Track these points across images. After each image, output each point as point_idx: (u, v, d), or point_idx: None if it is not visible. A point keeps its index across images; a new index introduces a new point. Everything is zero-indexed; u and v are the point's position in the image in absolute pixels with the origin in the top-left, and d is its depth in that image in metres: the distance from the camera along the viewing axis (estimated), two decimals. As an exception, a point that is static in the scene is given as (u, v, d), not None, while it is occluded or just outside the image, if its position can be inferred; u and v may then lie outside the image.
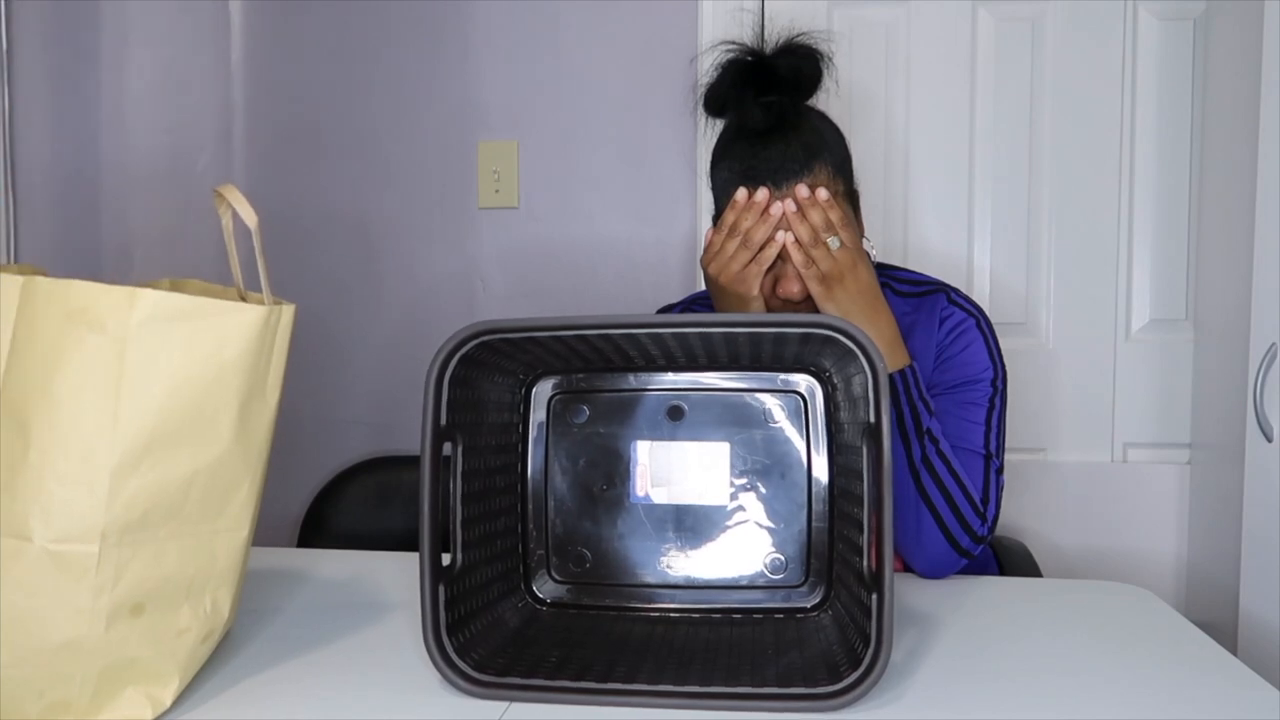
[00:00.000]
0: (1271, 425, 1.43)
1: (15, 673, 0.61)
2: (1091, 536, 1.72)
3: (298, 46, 1.85)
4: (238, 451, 0.66)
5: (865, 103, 1.72)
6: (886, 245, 1.72)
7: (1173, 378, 1.70)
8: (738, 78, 1.02)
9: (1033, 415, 1.70)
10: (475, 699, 0.69)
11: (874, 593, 0.67)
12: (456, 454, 0.76)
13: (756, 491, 0.85)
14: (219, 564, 0.68)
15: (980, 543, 0.97)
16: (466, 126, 1.82)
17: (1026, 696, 0.69)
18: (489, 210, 1.82)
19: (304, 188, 1.86)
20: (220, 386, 0.64)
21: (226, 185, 0.69)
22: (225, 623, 0.71)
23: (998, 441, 1.03)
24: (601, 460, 0.87)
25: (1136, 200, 1.70)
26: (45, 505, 0.59)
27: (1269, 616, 1.44)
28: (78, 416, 0.60)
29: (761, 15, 1.72)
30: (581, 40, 1.78)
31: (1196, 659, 0.77)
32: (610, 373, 0.87)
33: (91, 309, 0.60)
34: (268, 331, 0.66)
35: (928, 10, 1.71)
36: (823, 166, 1.00)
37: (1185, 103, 1.68)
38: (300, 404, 1.84)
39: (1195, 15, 1.67)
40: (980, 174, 1.73)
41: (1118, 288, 1.72)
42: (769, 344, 0.76)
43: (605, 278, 1.80)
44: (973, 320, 1.08)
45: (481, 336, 0.71)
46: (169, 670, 0.66)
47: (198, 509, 0.65)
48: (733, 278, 0.99)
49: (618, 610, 0.85)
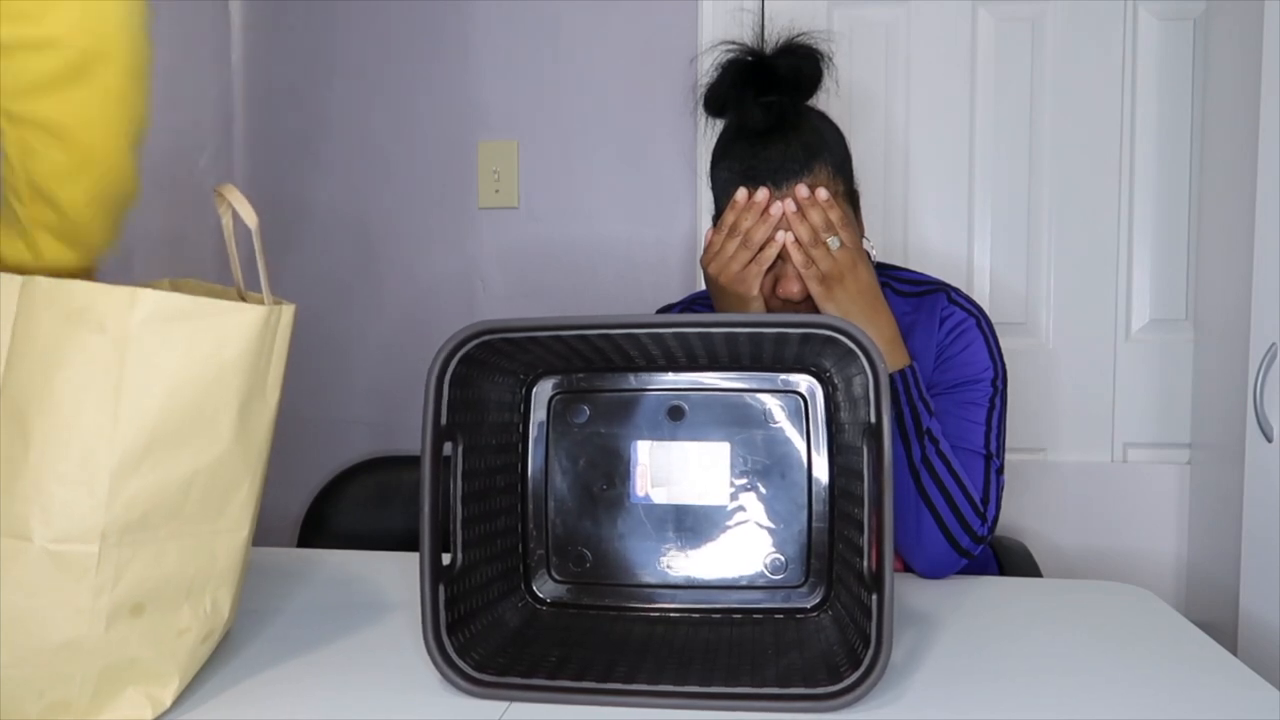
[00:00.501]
0: (1271, 425, 1.43)
1: (15, 673, 0.61)
2: (1091, 536, 1.72)
3: (298, 46, 1.85)
4: (238, 451, 0.66)
5: (865, 103, 1.72)
6: (886, 245, 1.72)
7: (1173, 378, 1.70)
8: (738, 78, 1.02)
9: (1033, 415, 1.70)
10: (475, 699, 0.69)
11: (874, 593, 0.67)
12: (457, 454, 0.76)
13: (757, 492, 0.85)
14: (219, 564, 0.68)
15: (980, 543, 0.97)
16: (466, 126, 1.82)
17: (1026, 696, 0.69)
18: (489, 210, 1.82)
19: (304, 187, 1.87)
20: (220, 386, 0.64)
21: (226, 185, 0.69)
22: (225, 623, 0.71)
23: (998, 441, 1.03)
24: (602, 460, 0.87)
25: (1136, 200, 1.70)
26: (45, 505, 0.59)
27: (1269, 616, 1.44)
28: (78, 417, 0.60)
29: (761, 15, 1.72)
30: (581, 40, 1.78)
31: (1196, 659, 0.77)
32: (611, 373, 0.87)
33: (92, 309, 0.60)
34: (267, 331, 0.66)
35: (928, 10, 1.71)
36: (823, 166, 1.00)
37: (1185, 103, 1.68)
38: (300, 404, 1.84)
39: (1195, 15, 1.67)
40: (980, 174, 1.73)
41: (1118, 288, 1.72)
42: (770, 344, 0.76)
43: (605, 278, 1.80)
44: (973, 320, 1.08)
45: (482, 336, 0.71)
46: (169, 670, 0.66)
47: (198, 509, 0.65)
48: (733, 278, 0.99)
49: (618, 610, 0.85)
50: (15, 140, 0.65)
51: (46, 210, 0.68)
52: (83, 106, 0.65)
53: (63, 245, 0.69)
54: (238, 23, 1.87)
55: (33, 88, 0.63)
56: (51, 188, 0.66)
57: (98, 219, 0.69)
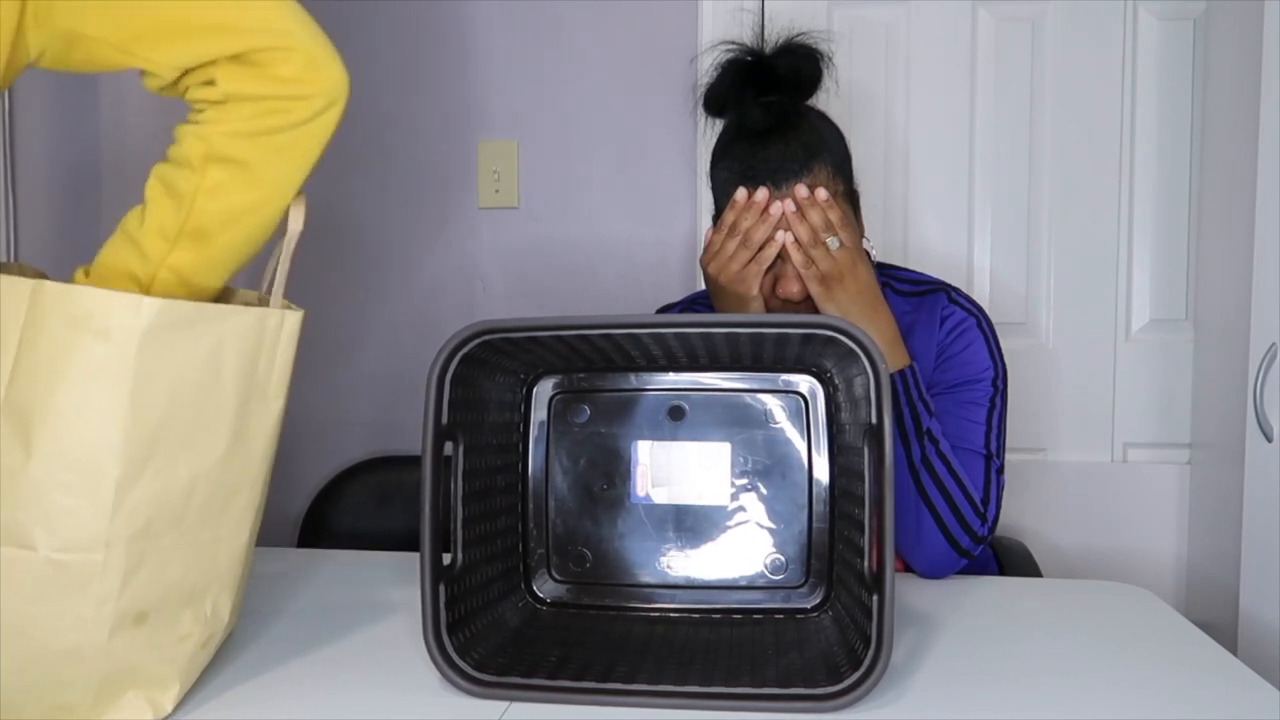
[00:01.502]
0: (1271, 425, 1.43)
1: (16, 679, 0.61)
2: (1091, 536, 1.72)
3: (298, 46, 1.85)
4: (237, 455, 0.66)
5: (865, 103, 1.72)
6: (886, 245, 1.71)
7: (1173, 378, 1.70)
8: (738, 78, 1.02)
9: (1033, 415, 1.70)
10: (475, 699, 0.69)
11: (874, 593, 0.67)
12: (457, 453, 0.76)
13: (757, 492, 0.85)
14: (220, 569, 0.68)
15: (980, 543, 0.97)
16: (466, 126, 1.82)
17: (1026, 696, 0.69)
18: (489, 210, 1.82)
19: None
20: (216, 389, 0.64)
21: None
22: (226, 626, 0.71)
23: (998, 441, 1.03)
24: (602, 460, 0.87)
25: (1136, 200, 1.70)
26: (48, 514, 0.59)
27: (1269, 616, 1.44)
28: (81, 427, 0.59)
29: (761, 15, 1.72)
30: (581, 40, 1.78)
31: (1196, 659, 0.77)
32: (611, 372, 0.87)
33: (97, 315, 0.59)
34: (266, 334, 0.66)
35: (928, 10, 1.71)
36: (822, 166, 1.00)
37: (1185, 103, 1.68)
38: (300, 404, 1.84)
39: (1195, 15, 1.67)
40: (980, 174, 1.73)
41: (1118, 288, 1.72)
42: (770, 344, 0.76)
43: (605, 278, 1.80)
44: (973, 320, 1.08)
45: (483, 336, 0.71)
46: (170, 675, 0.66)
47: (199, 515, 0.65)
48: (732, 277, 0.99)
49: (618, 610, 0.85)
50: (203, 181, 0.66)
51: (190, 253, 0.67)
52: (291, 149, 0.68)
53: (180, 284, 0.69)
54: (238, 23, 1.87)
55: (264, 130, 0.66)
56: (216, 228, 0.67)
57: (240, 260, 0.70)
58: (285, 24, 0.67)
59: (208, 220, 0.67)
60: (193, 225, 0.66)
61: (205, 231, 0.67)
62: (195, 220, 0.66)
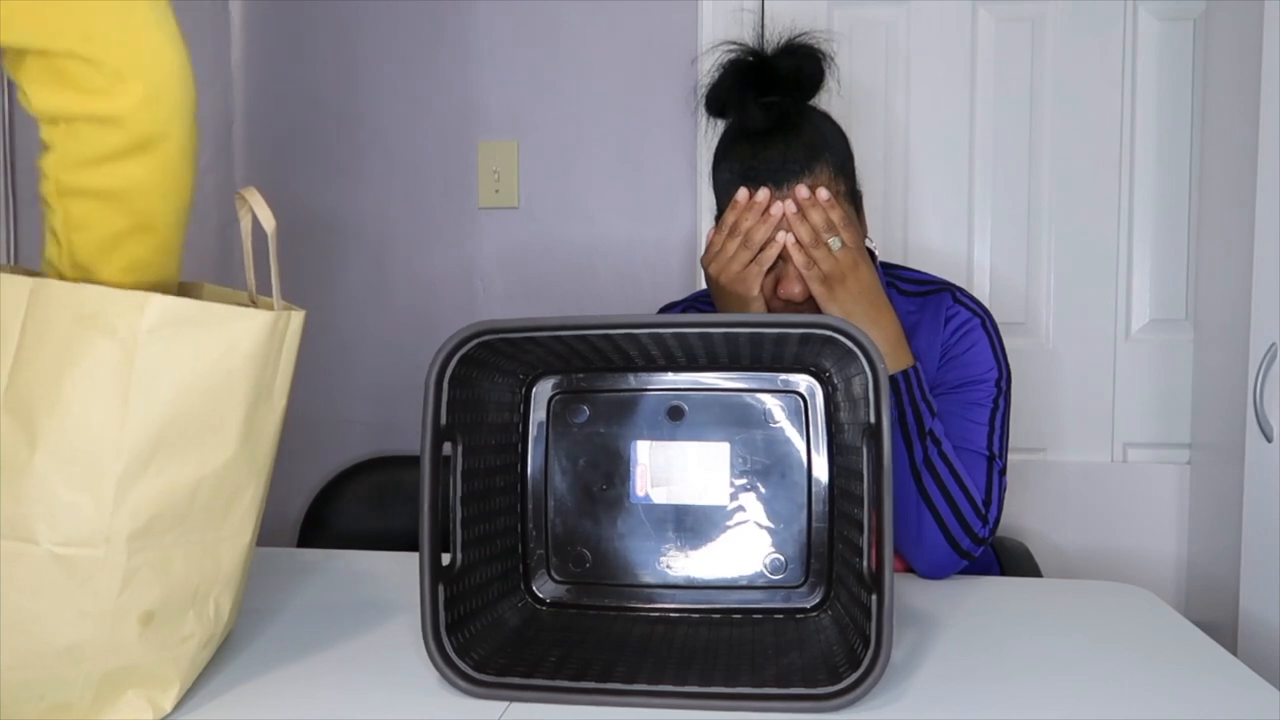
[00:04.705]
0: (1271, 425, 1.43)
1: (16, 675, 0.61)
2: (1091, 536, 1.72)
3: (298, 46, 1.85)
4: (244, 457, 0.66)
5: (865, 103, 1.72)
6: (887, 245, 1.72)
7: (1173, 378, 1.70)
8: (739, 78, 1.02)
9: (1033, 415, 1.70)
10: (475, 699, 0.69)
11: (874, 593, 0.67)
12: (456, 454, 0.76)
13: (756, 492, 0.85)
14: (223, 569, 0.68)
15: (981, 544, 0.97)
16: (466, 126, 1.82)
17: (1026, 696, 0.69)
18: (489, 210, 1.82)
19: (304, 188, 1.86)
20: (227, 392, 0.64)
21: (249, 189, 0.69)
22: (226, 627, 0.71)
23: (1001, 443, 1.03)
24: (601, 460, 0.87)
25: (1136, 200, 1.70)
26: (51, 509, 0.59)
27: (1269, 616, 1.44)
28: (85, 421, 0.59)
29: (762, 15, 1.72)
30: (581, 40, 1.78)
31: (1196, 659, 0.77)
32: (610, 373, 0.87)
33: (102, 314, 0.60)
34: (275, 337, 0.66)
35: (928, 10, 1.71)
36: (824, 167, 1.00)
37: (1185, 103, 1.68)
38: (300, 404, 1.84)
39: (1195, 15, 1.67)
40: (980, 174, 1.73)
41: (1118, 288, 1.72)
42: (769, 344, 0.76)
43: (605, 278, 1.80)
44: (978, 320, 1.08)
45: (482, 336, 0.71)
46: (170, 675, 0.66)
47: (203, 515, 0.65)
48: (733, 278, 0.99)
49: (618, 610, 0.85)
50: (65, 216, 0.63)
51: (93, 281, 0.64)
52: (143, 177, 0.63)
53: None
54: (238, 23, 1.87)
55: (93, 160, 0.61)
56: (96, 261, 0.64)
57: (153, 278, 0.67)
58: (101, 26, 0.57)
59: (87, 255, 0.64)
60: (79, 260, 0.64)
61: (90, 266, 0.64)
62: (77, 256, 0.64)
